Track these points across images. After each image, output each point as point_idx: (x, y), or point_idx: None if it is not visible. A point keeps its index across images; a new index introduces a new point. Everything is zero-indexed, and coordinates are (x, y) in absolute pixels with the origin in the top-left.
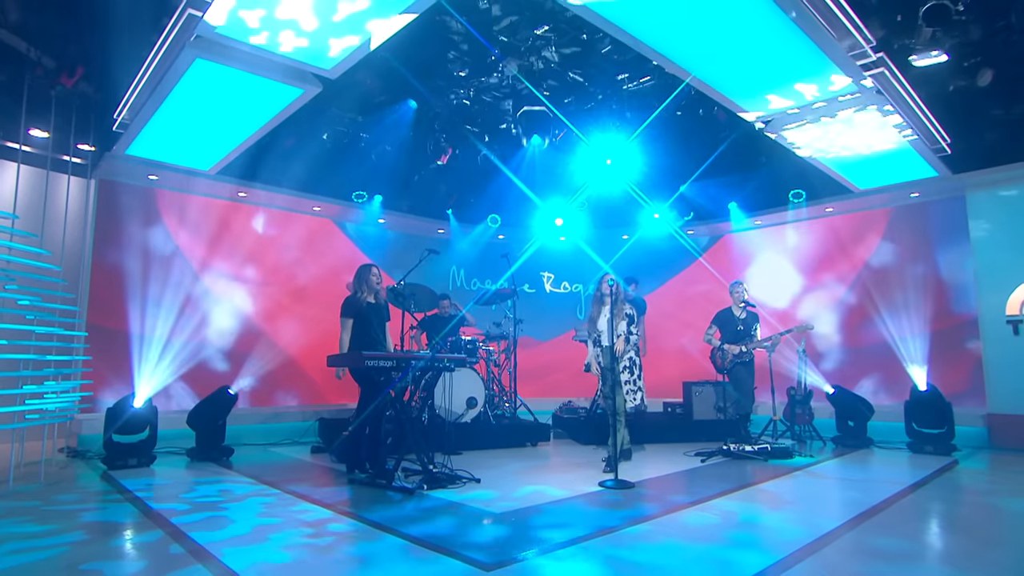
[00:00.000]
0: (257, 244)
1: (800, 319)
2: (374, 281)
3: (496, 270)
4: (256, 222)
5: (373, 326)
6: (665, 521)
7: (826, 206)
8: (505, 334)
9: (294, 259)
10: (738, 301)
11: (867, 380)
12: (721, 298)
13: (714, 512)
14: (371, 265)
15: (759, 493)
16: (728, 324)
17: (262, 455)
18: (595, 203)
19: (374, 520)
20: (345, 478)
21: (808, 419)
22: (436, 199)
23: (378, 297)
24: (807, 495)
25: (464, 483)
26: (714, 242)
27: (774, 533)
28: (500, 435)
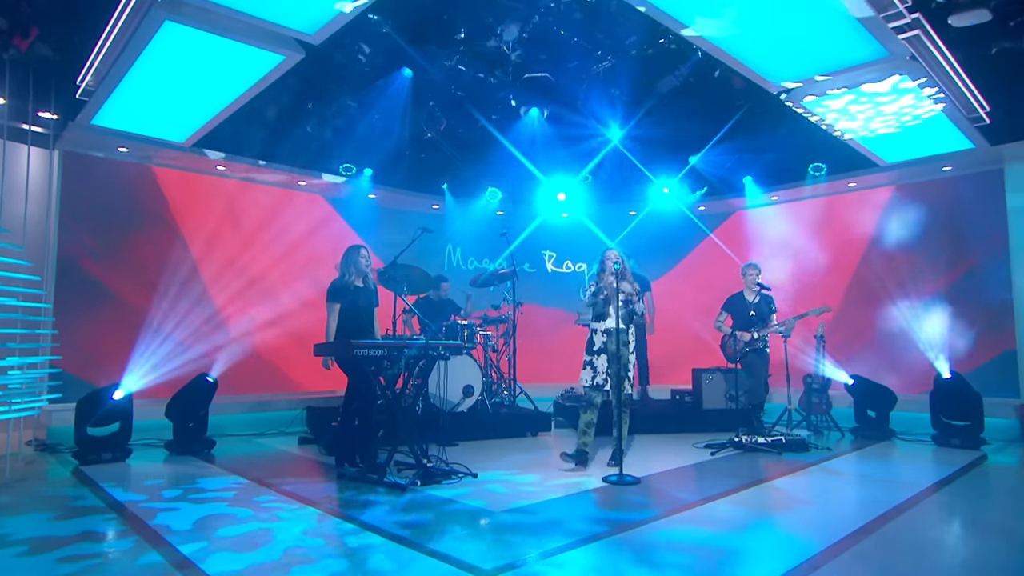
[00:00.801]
0: (238, 221)
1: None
2: (362, 263)
3: (495, 249)
4: (236, 197)
5: (361, 311)
6: (671, 523)
7: (848, 180)
8: (504, 317)
9: (279, 237)
10: (751, 284)
11: (889, 367)
12: (734, 279)
13: (723, 513)
14: (359, 246)
15: (772, 491)
16: (740, 309)
17: (246, 447)
18: (600, 177)
19: (364, 520)
20: (334, 472)
21: (825, 408)
22: (430, 173)
23: (367, 280)
24: (823, 494)
25: (460, 478)
26: (727, 219)
27: (785, 538)
28: (498, 425)
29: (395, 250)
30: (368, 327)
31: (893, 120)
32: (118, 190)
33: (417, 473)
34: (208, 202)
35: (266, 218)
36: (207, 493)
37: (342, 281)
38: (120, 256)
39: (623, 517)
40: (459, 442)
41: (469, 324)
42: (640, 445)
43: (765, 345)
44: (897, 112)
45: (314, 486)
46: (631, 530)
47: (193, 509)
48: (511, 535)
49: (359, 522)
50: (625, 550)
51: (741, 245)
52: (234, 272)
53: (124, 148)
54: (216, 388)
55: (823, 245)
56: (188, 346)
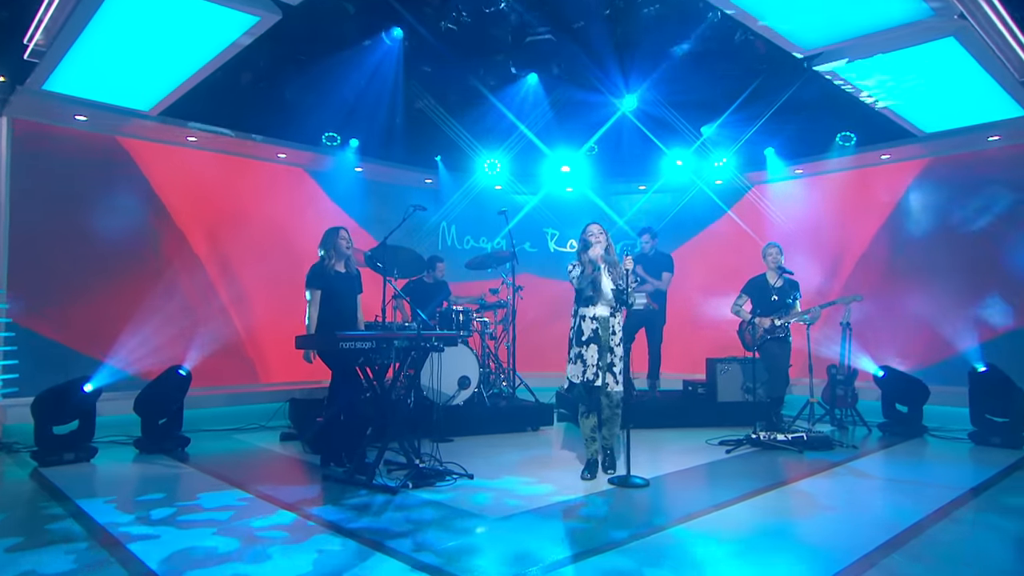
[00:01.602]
0: (212, 197)
1: (845, 288)
2: (343, 246)
3: (492, 227)
4: (210, 171)
5: (344, 299)
6: (680, 533)
7: (881, 152)
8: (502, 302)
9: (257, 214)
10: (773, 266)
11: (923, 357)
12: (752, 259)
13: (738, 521)
14: (339, 228)
15: (792, 495)
16: (761, 293)
17: (223, 443)
18: (608, 149)
19: (349, 528)
20: (319, 472)
21: (851, 402)
22: (423, 144)
23: (349, 265)
24: (849, 499)
25: (455, 480)
26: (746, 194)
27: (807, 551)
28: (496, 419)
29: (383, 228)
30: (351, 316)
31: (934, 86)
32: (78, 162)
33: (409, 474)
34: (179, 176)
35: (243, 193)
36: (176, 496)
37: (321, 266)
38: (80, 235)
39: (630, 526)
40: (454, 438)
41: (465, 310)
42: (649, 441)
43: (787, 334)
44: (939, 77)
45: (296, 488)
46: (637, 541)
47: (157, 512)
48: (510, 547)
49: (344, 530)
50: (629, 563)
51: (762, 223)
52: (209, 252)
53: (82, 116)
54: (190, 381)
55: (852, 223)
56: (158, 333)
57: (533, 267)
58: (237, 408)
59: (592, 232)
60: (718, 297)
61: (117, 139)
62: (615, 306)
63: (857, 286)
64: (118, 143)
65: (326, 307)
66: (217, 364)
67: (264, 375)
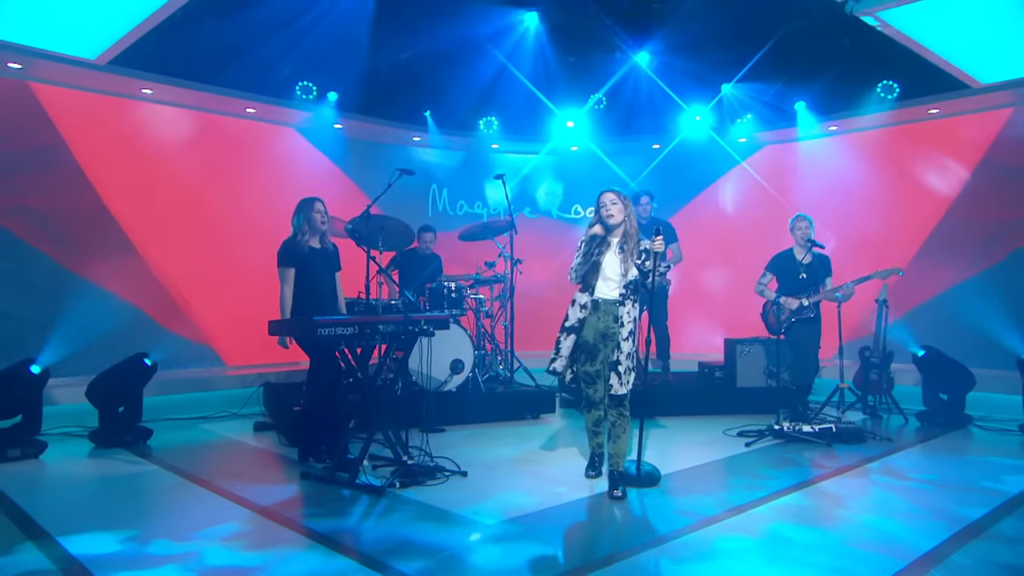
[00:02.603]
0: (170, 158)
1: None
2: (318, 220)
3: (489, 191)
4: (170, 128)
5: (320, 278)
6: (694, 541)
7: (929, 106)
8: (499, 276)
9: (221, 178)
10: (802, 240)
11: (970, 341)
12: (780, 228)
13: (754, 528)
14: (314, 199)
15: (817, 497)
16: (788, 270)
17: (190, 434)
18: (618, 103)
19: (329, 537)
20: (296, 469)
21: (886, 388)
22: (410, 97)
23: (324, 240)
24: (882, 502)
25: (447, 477)
26: (774, 155)
27: (831, 570)
28: (493, 406)
29: (365, 191)
30: (330, 296)
31: (992, 31)
32: (9, 118)
33: (395, 472)
34: (133, 135)
35: (210, 153)
36: (137, 496)
37: (294, 241)
38: (13, 203)
39: (638, 532)
40: (446, 427)
41: (458, 286)
42: (660, 430)
43: (817, 313)
44: (1001, 18)
45: (271, 490)
46: (645, 551)
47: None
48: (504, 558)
49: (322, 538)
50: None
51: (790, 186)
52: (170, 219)
53: (16, 64)
54: (155, 372)
55: (894, 187)
56: (111, 312)
57: (534, 235)
58: (205, 394)
59: (603, 202)
60: (738, 269)
61: (57, 91)
62: (625, 292)
63: (899, 258)
64: (58, 96)
65: (301, 287)
66: (182, 342)
67: (235, 356)
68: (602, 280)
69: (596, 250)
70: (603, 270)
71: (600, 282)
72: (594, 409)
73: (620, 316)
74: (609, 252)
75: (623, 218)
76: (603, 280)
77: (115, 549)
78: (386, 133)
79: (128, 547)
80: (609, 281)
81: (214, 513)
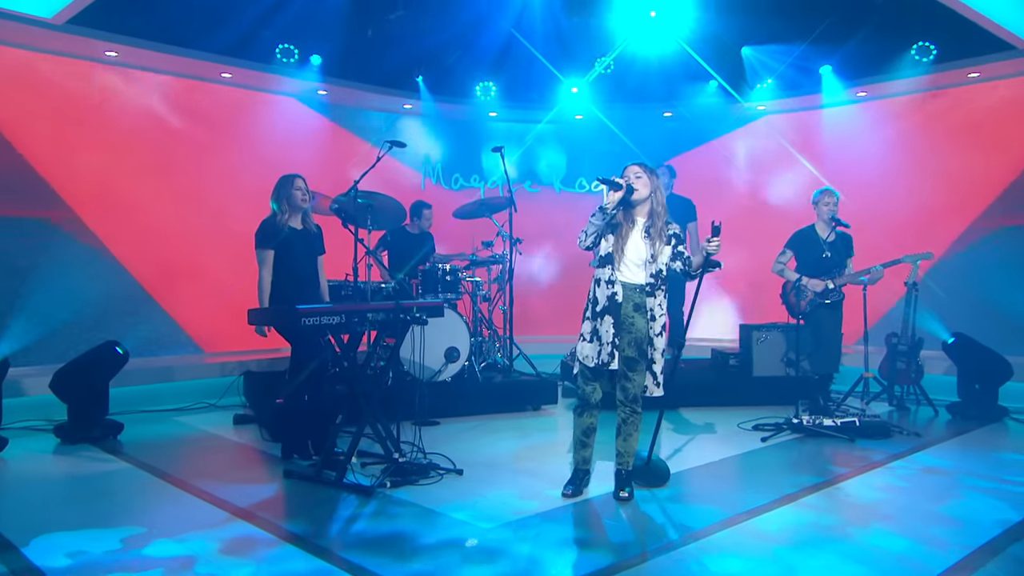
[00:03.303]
0: (137, 128)
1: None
2: (298, 198)
3: (486, 163)
4: (131, 95)
5: (301, 261)
6: (705, 548)
7: (969, 70)
8: (498, 257)
9: (194, 150)
10: (826, 217)
11: (1003, 327)
12: (803, 202)
13: (769, 535)
14: (294, 176)
15: (838, 499)
16: (810, 249)
17: (164, 428)
18: (626, 67)
19: (314, 543)
20: (279, 466)
21: (914, 377)
22: (400, 60)
23: (306, 221)
24: (909, 505)
25: (441, 476)
26: (796, 123)
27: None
28: (491, 396)
29: (352, 165)
30: (312, 282)
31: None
32: None
33: (386, 470)
34: (91, 101)
35: (181, 122)
36: (107, 498)
37: (273, 222)
38: None
39: (643, 540)
40: (440, 420)
41: (453, 268)
42: (670, 423)
43: (841, 298)
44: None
45: (251, 490)
46: (654, 558)
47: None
48: (503, 566)
49: (309, 547)
50: None
51: (814, 158)
52: (139, 194)
53: None
54: (126, 361)
55: (927, 158)
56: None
57: (535, 211)
58: (180, 384)
59: (627, 175)
60: (756, 248)
61: (12, 51)
62: (655, 282)
63: (932, 237)
64: (14, 55)
65: (282, 272)
66: (155, 330)
67: (213, 342)
68: (623, 261)
69: (612, 213)
70: (625, 250)
71: (621, 263)
72: (587, 413)
73: (651, 309)
74: (634, 232)
75: (649, 193)
76: (624, 262)
77: (80, 557)
78: (374, 100)
79: (94, 554)
80: (631, 264)
81: (189, 515)
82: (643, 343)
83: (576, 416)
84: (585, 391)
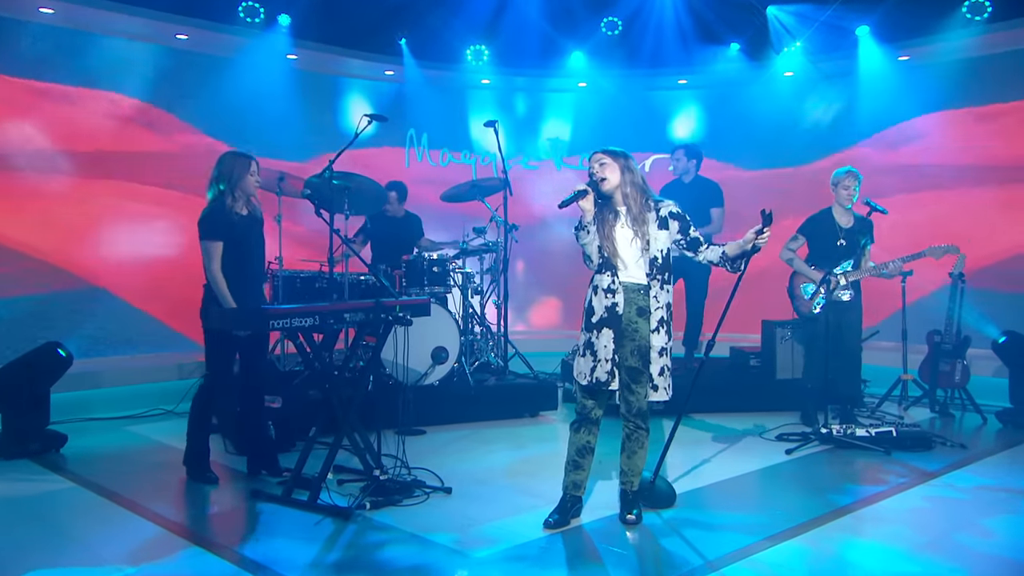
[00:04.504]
0: (76, 98)
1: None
2: (251, 183)
3: (477, 136)
4: (66, 60)
5: (252, 252)
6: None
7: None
8: (491, 245)
9: (144, 123)
10: (845, 200)
11: None
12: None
13: (798, 566)
14: (248, 157)
15: (871, 525)
16: (823, 236)
17: (114, 439)
18: (636, 29)
19: (281, 572)
20: (246, 485)
21: (959, 381)
22: (380, 21)
23: (251, 205)
24: (949, 531)
25: (427, 495)
26: (828, 92)
27: None
28: (483, 402)
29: (326, 141)
30: (261, 275)
31: None
32: None
33: (366, 488)
34: (28, 60)
35: (129, 91)
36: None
37: (222, 209)
38: None
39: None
40: (427, 429)
41: (441, 258)
42: (682, 433)
43: (858, 293)
44: None
45: (212, 512)
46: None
47: None
48: None
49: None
50: None
51: (848, 131)
52: (81, 174)
53: None
54: (70, 364)
55: (978, 132)
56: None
57: (533, 190)
58: (133, 388)
59: (591, 165)
60: (782, 234)
61: None
62: (652, 273)
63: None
64: None
65: (232, 266)
66: (103, 328)
67: (169, 340)
68: (619, 260)
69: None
70: (618, 249)
71: (618, 264)
72: (584, 429)
73: (646, 306)
74: (619, 225)
75: (619, 179)
76: (620, 261)
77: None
78: (352, 66)
79: None
80: (629, 263)
81: (140, 543)
82: (647, 349)
83: (572, 432)
84: (585, 405)
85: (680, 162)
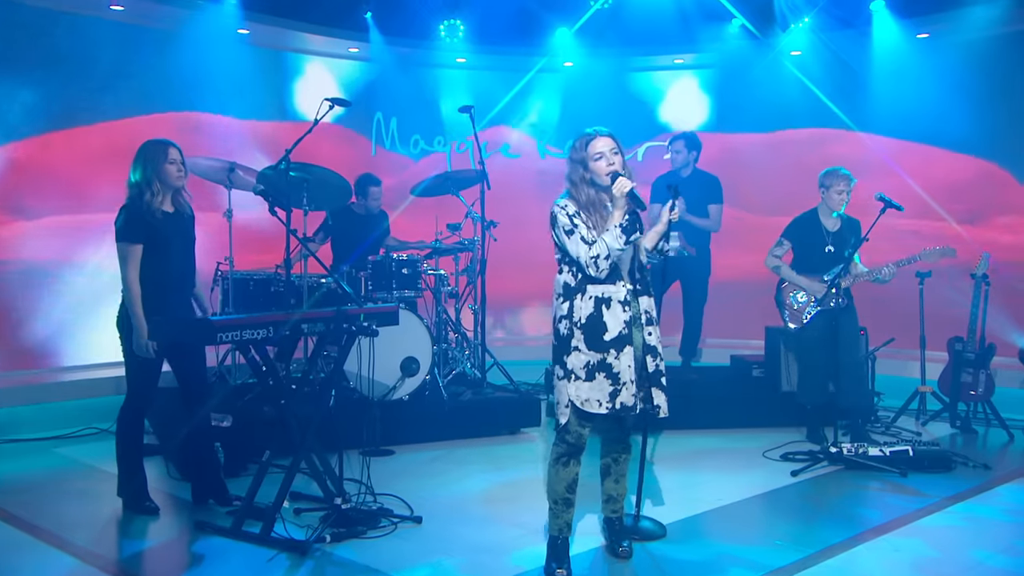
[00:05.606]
0: None
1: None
2: (172, 173)
3: (453, 122)
4: None
5: (176, 255)
6: None
7: None
8: (466, 244)
9: (68, 111)
10: (837, 206)
11: None
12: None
13: None
14: (166, 144)
15: (889, 553)
16: (810, 241)
17: (38, 462)
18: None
19: None
20: (190, 515)
21: (983, 393)
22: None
23: (178, 201)
24: (979, 563)
25: (395, 525)
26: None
27: None
28: (458, 418)
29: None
30: (188, 280)
31: None
32: None
33: (326, 519)
34: None
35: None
36: None
37: (141, 206)
38: None
39: None
40: (395, 448)
41: (411, 259)
42: (678, 450)
43: (850, 301)
44: None
45: (151, 547)
46: None
47: None
48: None
49: None
50: None
51: (860, 117)
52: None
53: None
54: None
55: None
56: None
57: (514, 181)
58: (61, 405)
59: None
60: None
61: None
62: (637, 276)
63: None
64: None
65: (154, 270)
66: (24, 338)
67: (103, 351)
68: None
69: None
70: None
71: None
72: (574, 461)
73: (645, 311)
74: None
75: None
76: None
77: None
78: (311, 42)
79: None
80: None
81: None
82: (642, 359)
83: (560, 467)
84: (581, 435)
85: (680, 154)
